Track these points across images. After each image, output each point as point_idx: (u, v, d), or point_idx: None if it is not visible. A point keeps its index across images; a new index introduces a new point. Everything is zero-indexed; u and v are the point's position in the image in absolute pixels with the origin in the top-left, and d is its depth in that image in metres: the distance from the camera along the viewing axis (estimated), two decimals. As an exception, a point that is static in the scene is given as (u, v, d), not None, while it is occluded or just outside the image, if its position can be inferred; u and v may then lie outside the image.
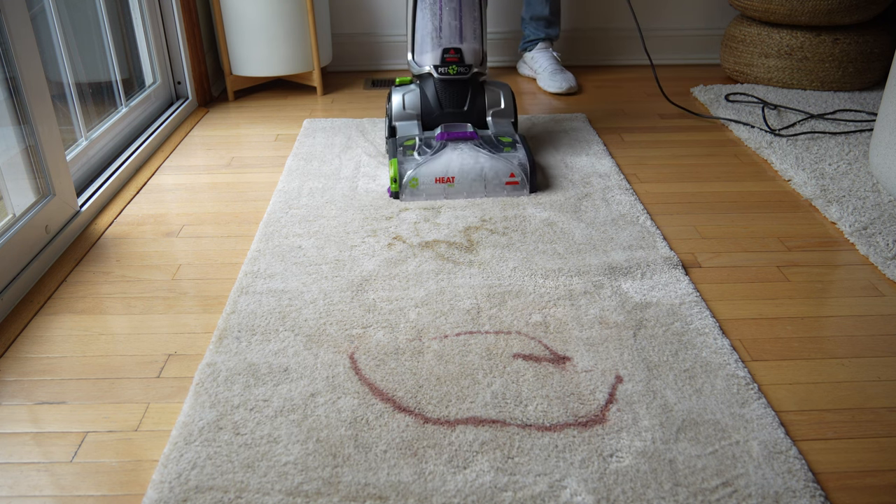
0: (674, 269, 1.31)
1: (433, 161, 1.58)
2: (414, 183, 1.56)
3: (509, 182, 1.58)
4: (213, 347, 1.10)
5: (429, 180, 1.57)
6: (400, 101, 1.75)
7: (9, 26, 1.31)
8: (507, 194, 1.58)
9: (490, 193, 1.58)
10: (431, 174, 1.57)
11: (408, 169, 1.57)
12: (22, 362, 1.10)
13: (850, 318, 1.19)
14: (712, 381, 1.02)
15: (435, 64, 1.71)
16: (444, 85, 1.73)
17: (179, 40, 2.19)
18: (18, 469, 0.91)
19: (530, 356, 1.08)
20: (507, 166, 1.58)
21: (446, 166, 1.57)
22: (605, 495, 0.84)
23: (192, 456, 0.90)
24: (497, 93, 1.76)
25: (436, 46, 1.70)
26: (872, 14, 2.26)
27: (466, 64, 1.71)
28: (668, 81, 2.50)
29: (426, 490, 0.85)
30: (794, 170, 1.73)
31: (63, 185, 1.46)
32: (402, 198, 1.57)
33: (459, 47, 1.70)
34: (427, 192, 1.57)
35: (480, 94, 1.75)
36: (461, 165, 1.57)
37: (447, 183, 1.57)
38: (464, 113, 1.74)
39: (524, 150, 1.64)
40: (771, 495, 0.84)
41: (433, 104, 1.73)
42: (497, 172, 1.58)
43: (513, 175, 1.58)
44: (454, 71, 1.70)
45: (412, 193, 1.57)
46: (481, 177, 1.57)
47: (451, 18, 1.69)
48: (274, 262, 1.34)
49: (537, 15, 2.44)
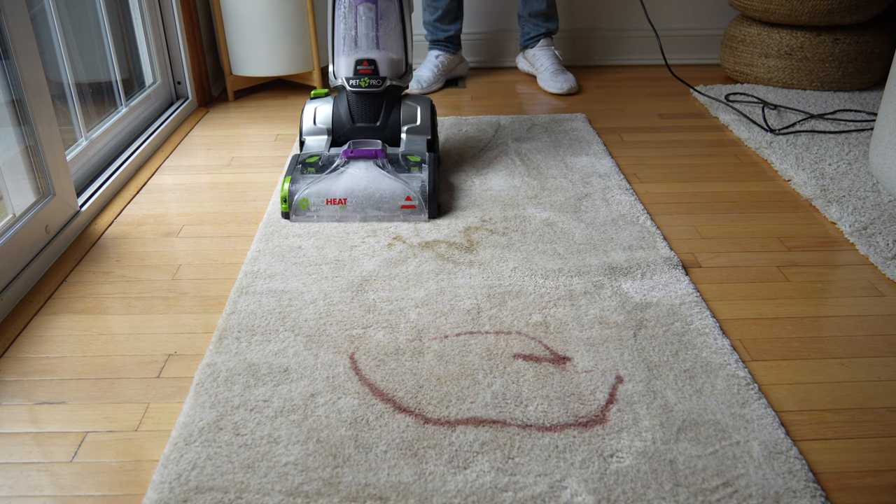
0: (674, 269, 1.31)
1: (326, 181, 1.49)
2: (304, 203, 1.47)
3: (405, 206, 1.48)
4: (213, 347, 1.10)
5: (320, 201, 1.48)
6: (311, 114, 1.66)
7: (9, 26, 1.31)
8: (404, 218, 1.49)
9: (386, 217, 1.49)
10: (322, 195, 1.48)
11: (299, 189, 1.48)
12: (22, 362, 1.10)
13: (850, 318, 1.20)
14: (712, 382, 1.02)
15: (347, 76, 1.60)
16: (356, 98, 1.63)
17: (179, 40, 2.19)
18: (18, 469, 0.91)
19: (530, 356, 1.08)
20: (403, 189, 1.48)
21: (339, 187, 1.49)
22: (605, 495, 0.84)
23: (192, 456, 0.90)
24: (414, 108, 1.65)
25: (348, 56, 1.60)
26: (872, 14, 2.26)
27: (381, 76, 1.60)
28: (669, 81, 2.51)
29: (426, 490, 0.85)
30: (794, 170, 1.73)
31: (63, 185, 1.46)
32: (292, 219, 1.49)
33: (373, 58, 1.59)
34: (318, 214, 1.49)
35: (396, 108, 1.64)
36: (355, 187, 1.48)
37: (339, 205, 1.48)
38: (376, 128, 1.64)
39: (428, 171, 1.53)
40: (771, 495, 0.84)
41: (344, 118, 1.64)
42: (393, 195, 1.48)
43: (409, 199, 1.48)
44: (366, 83, 1.60)
45: (303, 214, 1.49)
46: (375, 199, 1.48)
47: (367, 28, 1.59)
48: (274, 262, 1.34)
49: (535, 11, 2.41)
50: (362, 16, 1.57)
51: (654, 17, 2.67)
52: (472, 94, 2.40)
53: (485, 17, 2.66)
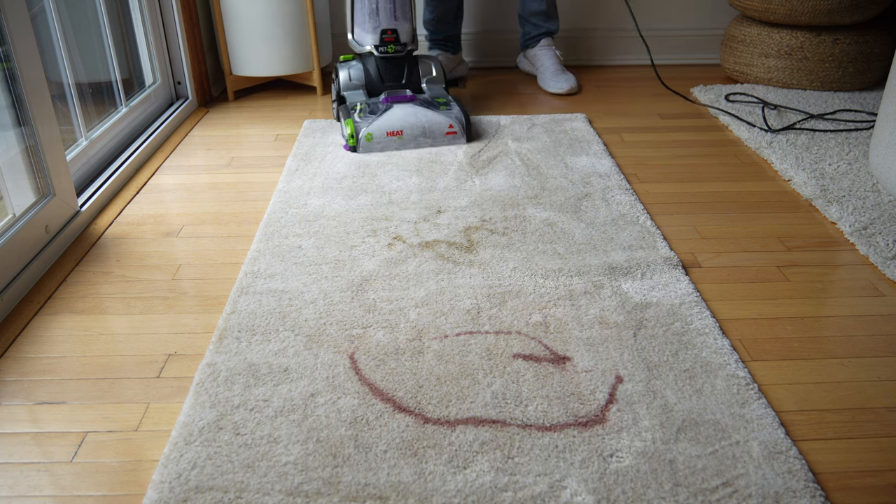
0: (674, 269, 1.31)
1: (383, 118, 1.83)
2: (369, 137, 1.81)
3: (449, 132, 1.85)
4: (213, 347, 1.10)
5: (381, 134, 1.82)
6: (346, 75, 2.00)
7: (9, 26, 1.31)
8: (448, 143, 1.86)
9: (434, 143, 1.85)
10: (383, 128, 1.82)
11: (362, 126, 1.82)
12: (22, 362, 1.10)
13: (850, 318, 1.20)
14: (712, 382, 1.02)
15: (375, 44, 1.96)
16: (383, 62, 1.99)
17: (179, 40, 2.19)
18: (18, 469, 0.91)
19: (530, 356, 1.08)
20: (446, 119, 1.86)
21: (395, 121, 1.83)
22: (605, 495, 0.84)
23: (192, 456, 0.90)
24: (429, 64, 2.03)
25: (374, 28, 1.95)
26: (872, 14, 2.26)
27: (402, 43, 1.96)
28: (669, 81, 2.50)
29: (426, 490, 0.85)
30: (794, 170, 1.73)
31: (63, 185, 1.46)
32: (359, 150, 1.83)
33: (395, 27, 1.94)
34: (381, 145, 1.83)
35: (415, 67, 2.02)
36: (406, 120, 1.83)
37: (397, 136, 1.82)
38: (402, 85, 2.00)
39: (458, 106, 1.91)
40: (771, 495, 0.84)
41: (375, 79, 1.99)
42: (438, 125, 1.85)
43: (451, 126, 1.85)
44: (392, 50, 1.95)
45: (368, 147, 1.82)
46: (425, 129, 1.84)
47: (385, 2, 1.93)
48: (274, 262, 1.34)
49: (534, 11, 2.41)
50: None
51: (654, 17, 2.67)
52: (472, 94, 2.40)
53: (485, 17, 2.67)
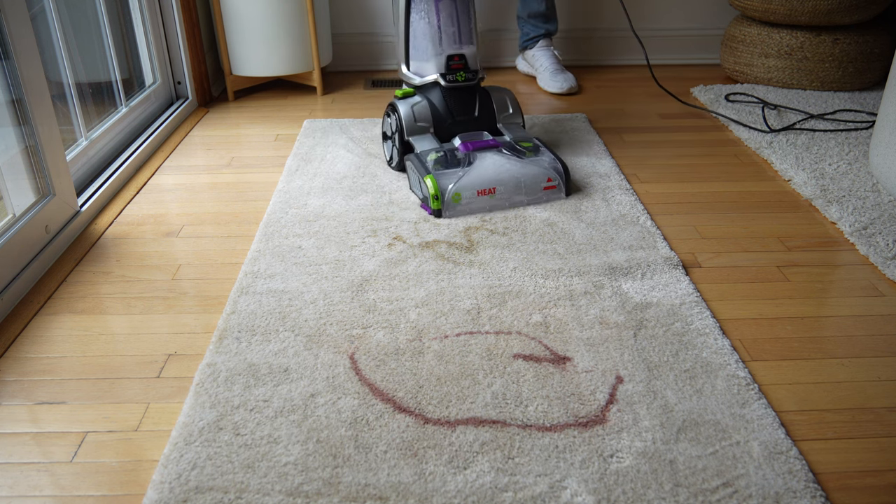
0: (674, 269, 1.31)
1: (471, 172, 1.53)
2: (457, 198, 1.51)
3: (547, 187, 1.57)
4: (213, 347, 1.10)
5: (471, 193, 1.52)
6: (409, 113, 1.68)
7: (9, 26, 1.31)
8: (546, 199, 1.57)
9: (531, 201, 1.56)
10: (473, 186, 1.52)
11: (448, 184, 1.51)
12: (22, 362, 1.10)
13: (850, 318, 1.20)
14: (713, 382, 1.02)
15: (441, 72, 1.67)
16: (452, 93, 1.68)
17: (179, 40, 2.19)
18: (18, 469, 0.91)
19: (530, 356, 1.08)
20: (542, 171, 1.56)
21: (486, 177, 1.53)
22: (605, 496, 0.84)
23: (192, 456, 0.90)
24: (503, 97, 1.75)
25: (438, 54, 1.66)
26: (872, 14, 2.26)
27: (472, 70, 1.68)
28: (668, 81, 2.50)
29: (426, 490, 0.85)
30: (794, 170, 1.73)
31: (63, 185, 1.46)
32: (445, 215, 1.51)
33: (462, 53, 1.67)
34: (470, 206, 1.52)
35: (487, 98, 1.72)
36: (499, 175, 1.54)
37: (489, 195, 1.53)
38: (475, 119, 1.70)
39: (549, 153, 1.62)
40: (771, 496, 0.84)
41: (444, 114, 1.68)
42: (535, 178, 1.56)
43: (550, 180, 1.56)
44: (462, 78, 1.67)
45: (455, 209, 1.51)
46: (520, 184, 1.55)
47: (449, 24, 1.66)
48: (274, 262, 1.34)
49: (534, 11, 2.41)
50: (443, 12, 1.65)
51: (655, 17, 2.67)
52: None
53: (484, 17, 2.66)
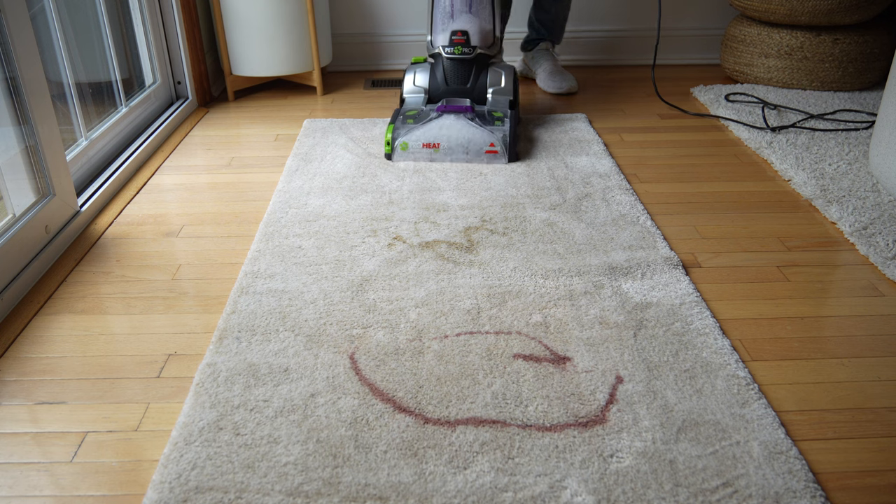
0: (674, 269, 1.31)
1: (423, 127, 1.78)
2: (404, 146, 1.78)
3: (488, 151, 1.77)
4: (213, 347, 1.10)
5: (417, 145, 1.77)
6: (411, 77, 1.95)
7: (9, 26, 1.31)
8: (487, 161, 1.77)
9: (471, 159, 1.78)
10: (420, 139, 1.78)
11: (400, 134, 1.79)
12: (22, 362, 1.10)
13: (850, 318, 1.19)
14: (713, 382, 1.02)
15: (443, 45, 1.89)
16: (450, 64, 1.90)
17: (179, 40, 2.19)
18: (18, 469, 0.91)
19: (530, 356, 1.08)
20: (488, 136, 1.77)
21: (434, 133, 1.78)
22: (605, 496, 0.84)
23: (192, 456, 0.90)
24: (499, 73, 1.91)
25: (446, 29, 1.89)
26: (872, 14, 2.26)
27: (472, 45, 1.87)
28: (668, 81, 2.50)
29: (426, 490, 0.85)
30: (794, 170, 1.73)
31: (63, 185, 1.46)
32: (393, 158, 1.79)
33: (466, 29, 1.87)
34: (415, 155, 1.78)
35: (484, 73, 1.91)
36: (448, 133, 1.78)
37: (433, 148, 1.77)
38: (466, 90, 1.91)
39: (509, 123, 1.81)
40: (771, 496, 0.84)
41: (440, 81, 1.92)
42: (479, 141, 1.77)
43: (492, 144, 1.76)
44: (459, 51, 1.88)
45: (402, 155, 1.79)
46: (464, 144, 1.77)
47: (462, 4, 1.88)
48: (274, 262, 1.34)
49: (543, 18, 2.41)
50: None
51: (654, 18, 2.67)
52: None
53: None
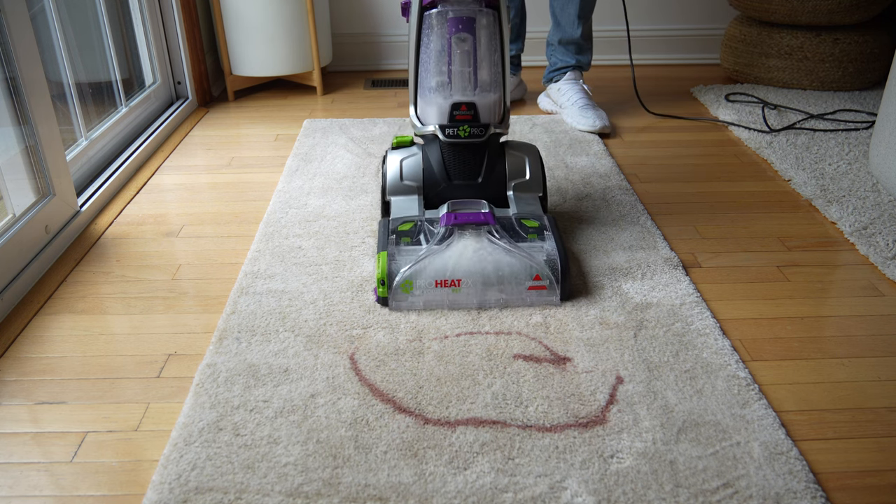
0: (674, 269, 1.31)
1: (431, 257, 1.20)
2: (407, 287, 1.18)
3: (533, 287, 1.20)
4: (213, 348, 1.10)
5: (427, 283, 1.19)
6: (396, 169, 1.37)
7: (9, 26, 1.31)
8: (530, 302, 1.20)
9: (509, 301, 1.20)
10: (430, 275, 1.19)
11: (400, 266, 1.19)
12: (22, 362, 1.10)
13: (850, 318, 1.19)
14: (713, 382, 1.02)
15: (441, 123, 1.32)
16: (452, 150, 1.35)
17: (179, 40, 2.19)
18: (18, 469, 0.91)
19: (531, 357, 1.08)
20: (529, 266, 1.20)
21: (451, 265, 1.19)
22: (605, 496, 0.84)
23: (192, 457, 0.90)
24: (521, 159, 1.38)
25: (443, 99, 1.31)
26: (872, 14, 2.26)
27: (482, 123, 1.32)
28: (668, 81, 2.51)
29: (426, 491, 0.85)
30: (794, 170, 1.73)
31: (63, 185, 1.46)
32: (391, 306, 1.20)
33: (473, 101, 1.31)
34: (425, 300, 1.19)
35: (500, 161, 1.37)
36: (470, 264, 1.19)
37: (452, 287, 1.19)
38: (478, 186, 1.36)
39: (553, 240, 1.25)
40: (772, 496, 0.84)
41: (438, 174, 1.35)
42: (517, 274, 1.19)
43: (538, 278, 1.19)
44: (465, 133, 1.32)
45: (404, 300, 1.19)
46: (496, 279, 1.19)
47: (463, 65, 1.29)
48: (274, 262, 1.34)
49: (567, 38, 2.10)
50: (457, 49, 1.28)
51: (655, 17, 2.67)
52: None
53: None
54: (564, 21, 2.09)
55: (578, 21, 2.06)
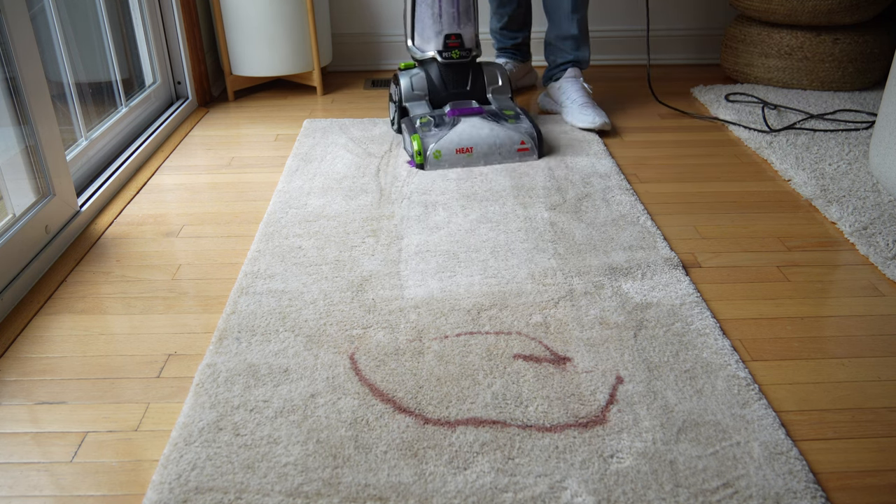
0: (674, 269, 1.31)
1: (452, 133, 1.74)
2: (437, 154, 1.72)
3: (521, 149, 1.76)
4: (213, 348, 1.10)
5: (450, 151, 1.73)
6: (408, 83, 1.90)
7: (9, 26, 1.31)
8: (520, 160, 1.76)
9: (504, 160, 1.76)
10: (452, 145, 1.73)
11: (430, 142, 1.73)
12: (22, 362, 1.10)
13: (850, 318, 1.19)
14: (713, 382, 1.02)
15: (438, 49, 1.87)
16: (447, 68, 1.89)
17: (179, 40, 2.19)
18: (18, 469, 0.91)
19: (531, 357, 1.08)
20: (517, 135, 1.76)
21: (464, 137, 1.74)
22: (605, 496, 0.84)
23: (192, 457, 0.90)
24: (494, 72, 1.93)
25: (437, 33, 1.86)
26: (872, 14, 2.26)
27: (466, 48, 1.88)
28: (668, 81, 2.50)
29: (426, 491, 0.85)
30: (794, 170, 1.72)
31: (63, 185, 1.46)
32: (426, 168, 1.73)
33: (459, 33, 1.86)
34: (449, 162, 1.74)
35: (480, 74, 1.91)
36: (477, 136, 1.75)
37: (467, 153, 1.73)
38: (467, 92, 1.90)
39: (528, 119, 1.81)
40: (772, 496, 0.84)
41: (438, 86, 1.89)
42: (510, 140, 1.76)
43: (523, 143, 1.76)
44: (457, 55, 1.86)
45: (436, 164, 1.73)
46: (496, 145, 1.75)
47: (449, 6, 1.84)
48: (274, 262, 1.34)
49: (563, 34, 2.12)
50: None
51: (655, 17, 2.67)
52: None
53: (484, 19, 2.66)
54: (558, 17, 2.11)
55: (572, 16, 2.09)
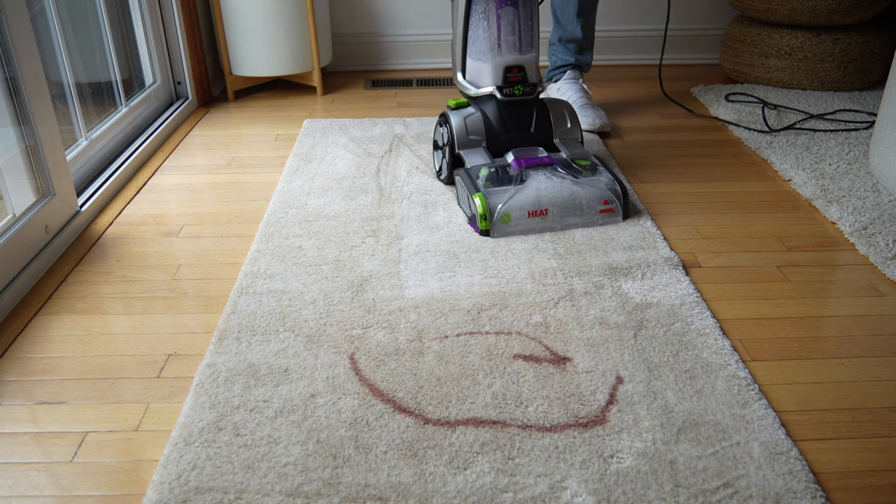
0: (674, 269, 1.31)
1: (522, 192, 1.45)
2: (506, 219, 1.43)
3: (603, 210, 1.47)
4: (213, 348, 1.10)
5: (522, 214, 1.44)
6: (461, 125, 1.60)
7: (9, 26, 1.31)
8: (602, 222, 1.48)
9: (585, 223, 1.47)
10: (524, 207, 1.44)
11: (497, 203, 1.43)
12: (22, 362, 1.10)
13: (850, 318, 1.19)
14: (713, 382, 1.02)
15: (497, 84, 1.58)
16: (508, 107, 1.60)
17: (179, 40, 2.19)
18: (18, 469, 0.91)
19: (531, 357, 1.08)
20: (599, 193, 1.47)
21: (538, 197, 1.45)
22: (605, 496, 0.84)
23: (191, 457, 0.90)
24: (561, 111, 1.65)
25: (495, 65, 1.57)
26: (872, 14, 2.26)
27: (531, 83, 1.59)
28: (669, 81, 2.50)
29: (426, 491, 0.85)
30: (794, 170, 1.73)
31: (63, 185, 1.46)
32: (493, 235, 1.44)
33: (522, 64, 1.58)
34: (520, 227, 1.44)
35: (545, 113, 1.63)
36: (552, 195, 1.45)
37: (541, 216, 1.44)
38: (531, 135, 1.61)
39: (607, 172, 1.53)
40: (772, 496, 0.84)
41: (497, 128, 1.60)
42: (590, 200, 1.46)
43: (606, 202, 1.47)
44: (520, 91, 1.58)
45: (503, 229, 1.43)
46: (575, 206, 1.46)
47: (509, 33, 1.56)
48: (274, 262, 1.34)
49: (567, 36, 2.12)
50: (504, 19, 1.54)
51: (655, 17, 2.67)
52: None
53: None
54: (564, 19, 2.10)
55: (578, 19, 2.08)
